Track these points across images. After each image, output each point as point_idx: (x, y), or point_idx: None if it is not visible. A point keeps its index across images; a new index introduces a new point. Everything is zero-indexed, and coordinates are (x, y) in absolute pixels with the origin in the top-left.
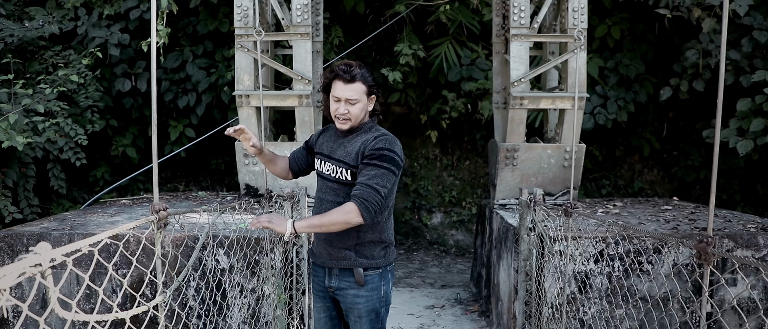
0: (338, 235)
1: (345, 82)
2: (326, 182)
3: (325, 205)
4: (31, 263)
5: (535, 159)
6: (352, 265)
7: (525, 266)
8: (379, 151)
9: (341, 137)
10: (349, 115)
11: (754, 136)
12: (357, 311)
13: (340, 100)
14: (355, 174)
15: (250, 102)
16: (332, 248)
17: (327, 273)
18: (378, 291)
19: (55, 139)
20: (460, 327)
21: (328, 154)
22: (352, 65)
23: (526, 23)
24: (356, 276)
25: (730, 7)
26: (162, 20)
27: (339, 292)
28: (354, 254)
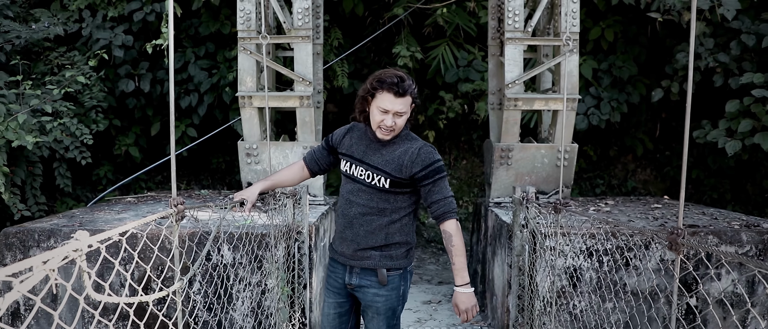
0: (367, 236)
1: (396, 95)
2: (358, 185)
3: (356, 208)
4: (74, 247)
5: (528, 158)
6: (376, 265)
7: (518, 261)
8: (432, 165)
9: (375, 142)
10: (394, 127)
11: (742, 137)
12: (375, 308)
13: (387, 111)
14: (394, 183)
15: (252, 103)
16: (359, 248)
17: (348, 271)
18: (397, 291)
19: (61, 139)
20: (455, 321)
21: (361, 158)
22: (404, 78)
23: (520, 27)
24: (380, 277)
25: (719, 12)
26: (166, 23)
27: (359, 290)
28: (379, 254)
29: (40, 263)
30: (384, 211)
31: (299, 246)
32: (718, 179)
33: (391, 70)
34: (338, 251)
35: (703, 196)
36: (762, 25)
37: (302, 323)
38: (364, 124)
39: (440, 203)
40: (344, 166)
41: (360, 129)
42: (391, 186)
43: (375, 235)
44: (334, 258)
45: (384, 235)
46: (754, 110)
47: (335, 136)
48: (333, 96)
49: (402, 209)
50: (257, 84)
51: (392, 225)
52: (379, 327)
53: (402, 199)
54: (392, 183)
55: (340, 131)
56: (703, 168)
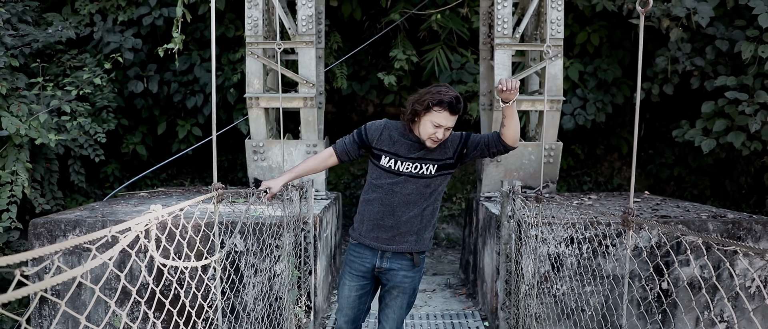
0: (408, 221)
1: (451, 113)
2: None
3: (400, 197)
4: (154, 217)
5: (517, 155)
6: (411, 249)
7: (505, 249)
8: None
9: (417, 143)
10: (442, 140)
11: (717, 136)
12: (402, 288)
13: (441, 127)
14: (441, 167)
15: (259, 103)
16: (398, 233)
17: (379, 256)
18: (421, 271)
19: (76, 137)
20: (449, 306)
21: (406, 155)
22: (460, 99)
23: (509, 33)
24: (415, 259)
25: (694, 19)
26: (177, 28)
27: (388, 272)
28: (414, 239)
29: (135, 224)
30: (424, 196)
31: (305, 235)
32: (699, 176)
33: (446, 89)
34: (370, 237)
35: (685, 192)
36: (735, 32)
37: (308, 306)
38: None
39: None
40: (387, 162)
41: (396, 127)
42: (437, 171)
43: (414, 220)
44: (363, 243)
45: (420, 220)
46: (728, 111)
47: (370, 133)
48: (331, 97)
49: (437, 193)
50: (264, 86)
51: (427, 210)
52: (402, 304)
53: (440, 183)
54: (438, 168)
55: (375, 129)
56: (684, 166)
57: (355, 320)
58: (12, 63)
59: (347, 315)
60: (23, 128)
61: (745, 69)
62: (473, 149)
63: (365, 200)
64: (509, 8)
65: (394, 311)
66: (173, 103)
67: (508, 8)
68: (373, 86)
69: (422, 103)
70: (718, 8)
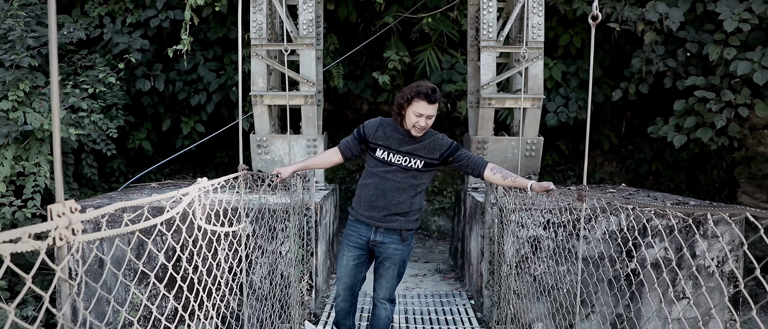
0: (398, 205)
1: (429, 103)
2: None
3: (391, 183)
4: (201, 186)
5: (501, 149)
6: (401, 227)
7: (489, 233)
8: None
9: (408, 136)
10: (425, 127)
11: (688, 132)
12: (393, 259)
13: (422, 115)
14: (427, 164)
15: (263, 101)
16: (390, 213)
17: (373, 231)
18: (410, 246)
19: (89, 132)
20: (438, 288)
21: (398, 148)
22: (436, 90)
23: (494, 36)
24: (403, 236)
25: (666, 23)
26: (185, 30)
27: (381, 245)
28: (403, 219)
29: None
30: (412, 186)
31: (307, 220)
32: (675, 171)
33: (425, 82)
34: (366, 215)
35: (662, 186)
36: (704, 35)
37: (310, 285)
38: (394, 121)
39: (474, 161)
40: (381, 154)
41: (390, 124)
42: (423, 167)
43: (403, 204)
44: (360, 220)
45: (409, 204)
46: (697, 108)
47: (367, 130)
48: (328, 95)
49: (423, 184)
50: (267, 84)
51: (415, 197)
52: (393, 274)
53: (425, 176)
54: (425, 164)
55: (371, 126)
56: (662, 161)
57: (353, 287)
58: (32, 63)
59: (346, 283)
60: (46, 123)
61: (713, 70)
62: (457, 162)
63: (362, 184)
64: (494, 13)
65: (387, 280)
66: (178, 101)
67: (492, 13)
68: (368, 85)
69: (404, 97)
70: (689, 13)
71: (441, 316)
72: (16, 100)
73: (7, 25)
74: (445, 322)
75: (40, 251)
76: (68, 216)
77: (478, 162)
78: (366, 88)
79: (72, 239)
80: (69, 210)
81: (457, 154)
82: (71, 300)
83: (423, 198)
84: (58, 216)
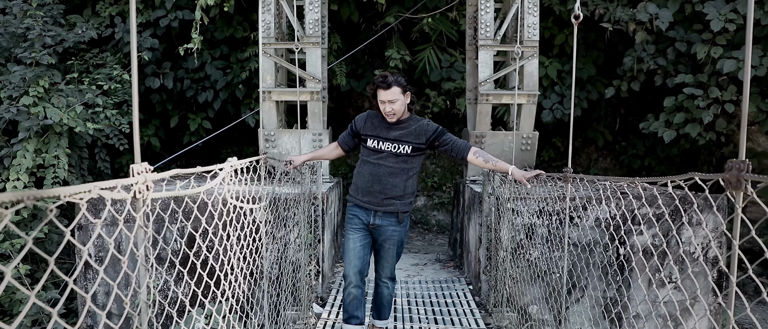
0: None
1: (384, 89)
2: (385, 154)
3: (384, 169)
4: (231, 164)
5: (498, 143)
6: (397, 210)
7: (486, 221)
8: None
9: (392, 125)
10: (393, 111)
11: (677, 127)
12: (392, 240)
13: (384, 101)
14: (415, 148)
15: (271, 97)
16: (386, 197)
17: (372, 215)
18: (406, 227)
19: (103, 127)
20: (438, 275)
21: (384, 136)
22: (387, 75)
23: (491, 36)
24: (399, 218)
25: (656, 24)
26: (196, 29)
27: (379, 228)
28: (399, 202)
29: (227, 165)
30: (404, 170)
31: (315, 208)
32: (667, 166)
33: (382, 73)
34: (364, 200)
35: None
36: (692, 35)
37: (317, 270)
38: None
39: (458, 145)
40: (372, 143)
41: (377, 116)
42: (411, 152)
43: (397, 188)
44: (358, 205)
45: (403, 188)
46: (686, 105)
47: (358, 123)
48: (330, 93)
49: (414, 168)
50: (275, 81)
51: (408, 181)
52: (392, 254)
53: (415, 161)
54: (413, 149)
55: (361, 120)
56: (654, 156)
57: (362, 271)
58: (50, 61)
59: (355, 265)
60: (65, 118)
61: (701, 68)
62: (443, 146)
63: (358, 173)
64: (491, 13)
65: (387, 260)
66: (185, 98)
67: (490, 14)
68: (369, 83)
69: (370, 92)
70: (678, 13)
71: (441, 300)
72: (36, 95)
73: (25, 24)
74: (445, 305)
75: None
76: (145, 175)
77: (461, 146)
78: (368, 85)
79: (146, 194)
80: (144, 170)
81: (442, 138)
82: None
83: (415, 182)
84: (138, 173)
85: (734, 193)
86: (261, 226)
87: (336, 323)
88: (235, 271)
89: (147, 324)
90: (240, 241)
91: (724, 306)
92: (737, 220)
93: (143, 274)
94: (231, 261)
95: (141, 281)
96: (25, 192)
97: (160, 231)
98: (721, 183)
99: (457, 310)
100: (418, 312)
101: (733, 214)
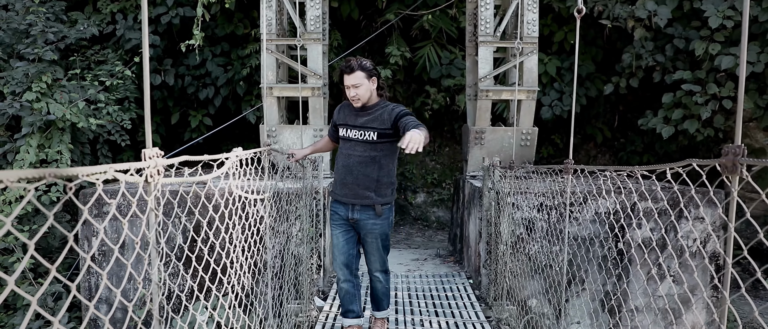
0: (364, 179)
1: (347, 74)
2: (354, 142)
3: (354, 158)
4: (236, 154)
5: (498, 139)
6: (373, 202)
7: (486, 215)
8: (403, 110)
9: (360, 111)
10: (357, 96)
11: (675, 123)
12: (373, 234)
13: (348, 86)
14: (381, 134)
15: (272, 93)
16: (357, 188)
17: (350, 209)
18: (388, 220)
19: (105, 123)
20: (438, 270)
21: (353, 123)
22: (350, 60)
23: (491, 32)
24: (377, 211)
25: (654, 20)
26: (197, 26)
27: (360, 222)
28: (374, 194)
29: (233, 155)
30: (373, 159)
31: (316, 202)
32: (665, 162)
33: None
34: (341, 194)
35: None
36: (690, 31)
37: (319, 264)
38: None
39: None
40: (343, 132)
41: (349, 105)
42: (378, 138)
43: (369, 179)
44: (338, 200)
45: (376, 178)
46: (685, 101)
47: (334, 115)
48: (330, 90)
49: (386, 157)
50: (277, 77)
51: (381, 170)
52: (377, 247)
53: (384, 148)
54: (379, 135)
55: (336, 111)
56: (653, 153)
57: (349, 265)
58: (53, 57)
59: (340, 260)
60: (68, 113)
61: (699, 64)
62: (400, 128)
63: (335, 165)
64: (491, 10)
65: (373, 254)
66: (186, 95)
67: (489, 10)
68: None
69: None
70: (676, 10)
71: (442, 293)
72: (39, 91)
73: (28, 20)
74: (446, 298)
75: None
76: (156, 160)
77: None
78: None
79: (157, 178)
80: (156, 155)
81: (401, 120)
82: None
83: (390, 171)
84: (149, 158)
85: (730, 177)
86: (265, 218)
87: (337, 316)
88: (240, 261)
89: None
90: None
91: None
92: (733, 204)
93: (155, 257)
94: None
95: (153, 263)
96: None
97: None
98: (717, 168)
99: (458, 303)
100: (419, 305)
101: (729, 198)
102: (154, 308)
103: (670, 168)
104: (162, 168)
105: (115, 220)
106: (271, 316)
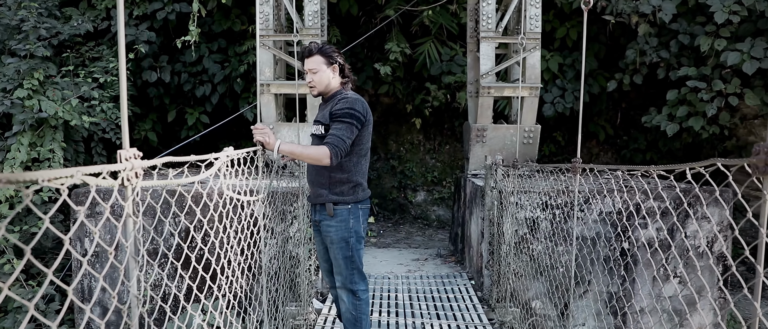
0: (317, 176)
1: (306, 57)
2: (312, 137)
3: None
4: (226, 154)
5: (500, 137)
6: (325, 201)
7: (489, 215)
8: (341, 110)
9: (322, 104)
10: (313, 83)
11: (680, 121)
12: (330, 238)
13: (307, 72)
14: (326, 128)
15: (270, 90)
16: (313, 187)
17: (313, 209)
18: (346, 223)
19: (99, 121)
20: (440, 271)
21: (315, 118)
22: (311, 43)
23: (493, 28)
24: (327, 210)
25: (659, 16)
26: (193, 22)
27: (320, 224)
28: (327, 192)
29: (223, 155)
30: None
31: None
32: (669, 160)
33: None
34: (308, 194)
35: None
36: (695, 27)
37: (317, 266)
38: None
39: (330, 136)
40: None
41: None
42: (326, 132)
43: (322, 175)
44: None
45: (327, 174)
46: (689, 98)
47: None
48: None
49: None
50: (274, 74)
51: (334, 166)
52: (336, 255)
53: None
54: (326, 130)
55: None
56: (656, 151)
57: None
58: (45, 53)
59: (323, 268)
60: (61, 111)
61: (704, 60)
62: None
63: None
64: (493, 5)
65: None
66: (183, 92)
67: (491, 5)
68: (369, 77)
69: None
70: (681, 6)
71: (443, 295)
72: (31, 88)
73: (20, 15)
74: (448, 300)
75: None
76: (133, 162)
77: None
78: (367, 79)
79: (135, 181)
80: (133, 156)
81: (332, 122)
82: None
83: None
84: (126, 160)
85: (762, 178)
86: (259, 219)
87: (336, 319)
88: (232, 266)
89: (138, 320)
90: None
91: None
92: (765, 207)
93: (133, 267)
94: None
95: (130, 274)
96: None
97: (153, 223)
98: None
99: (460, 306)
100: (419, 307)
101: (761, 201)
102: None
103: (691, 168)
104: (140, 171)
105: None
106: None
